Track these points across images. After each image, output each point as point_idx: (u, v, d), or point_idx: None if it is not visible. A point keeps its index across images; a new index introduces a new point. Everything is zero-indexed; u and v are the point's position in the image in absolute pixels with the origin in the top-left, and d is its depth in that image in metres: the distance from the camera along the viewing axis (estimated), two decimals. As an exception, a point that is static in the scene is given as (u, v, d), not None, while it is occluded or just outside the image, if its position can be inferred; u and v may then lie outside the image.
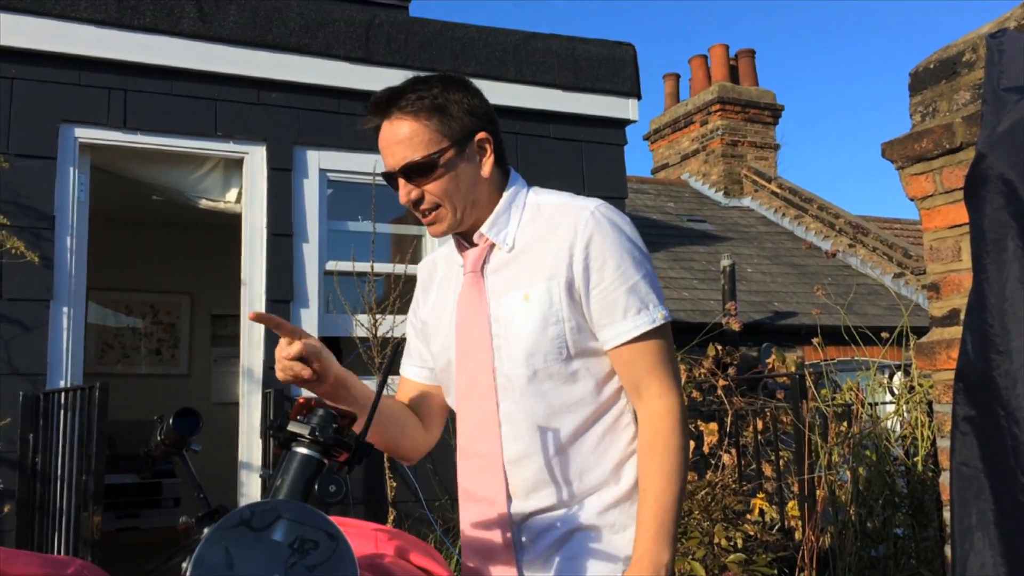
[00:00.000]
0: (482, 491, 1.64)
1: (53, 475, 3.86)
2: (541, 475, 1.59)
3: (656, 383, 1.59)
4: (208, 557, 1.05)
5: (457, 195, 1.62)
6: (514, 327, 1.60)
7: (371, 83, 4.98)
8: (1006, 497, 1.40)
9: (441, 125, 1.61)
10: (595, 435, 1.61)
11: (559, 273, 1.58)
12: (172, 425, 1.32)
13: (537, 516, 1.61)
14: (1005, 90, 1.49)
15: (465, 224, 1.66)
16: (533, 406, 1.59)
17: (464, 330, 1.67)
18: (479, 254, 1.68)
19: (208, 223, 6.07)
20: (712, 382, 5.20)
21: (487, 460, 1.62)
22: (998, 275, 1.42)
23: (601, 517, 1.60)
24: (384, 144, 1.64)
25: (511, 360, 1.60)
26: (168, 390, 7.59)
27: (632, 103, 5.66)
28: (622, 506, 1.61)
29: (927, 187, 2.58)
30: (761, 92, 12.10)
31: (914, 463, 3.76)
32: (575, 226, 1.59)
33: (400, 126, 1.61)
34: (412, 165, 1.60)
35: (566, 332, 1.58)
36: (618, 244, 1.60)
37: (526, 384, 1.59)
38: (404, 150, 1.61)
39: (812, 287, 8.00)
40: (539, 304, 1.58)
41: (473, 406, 1.65)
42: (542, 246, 1.62)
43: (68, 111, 4.44)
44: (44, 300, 4.26)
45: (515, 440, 1.60)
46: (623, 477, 1.62)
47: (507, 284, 1.64)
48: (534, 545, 1.61)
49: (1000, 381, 1.40)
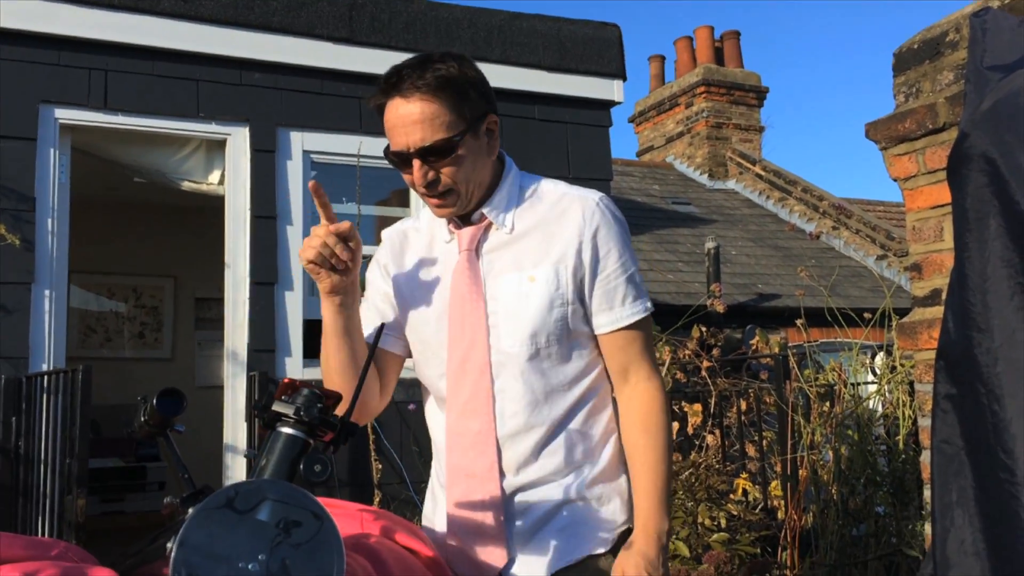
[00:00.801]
0: (473, 467, 1.65)
1: (36, 459, 3.84)
2: (534, 451, 1.64)
3: (645, 367, 1.70)
4: (193, 537, 1.04)
5: (470, 178, 1.63)
6: (515, 306, 1.64)
7: (355, 63, 4.95)
8: (986, 474, 1.41)
9: (459, 106, 1.60)
10: (583, 413, 1.68)
11: (567, 258, 1.64)
12: (156, 405, 1.31)
13: (525, 491, 1.65)
14: (988, 68, 1.50)
15: (467, 206, 1.67)
16: (533, 383, 1.64)
17: (459, 307, 1.67)
18: (475, 233, 1.69)
19: (191, 205, 6.04)
20: (696, 364, 5.23)
21: (480, 436, 1.64)
22: (980, 253, 1.43)
23: (588, 491, 1.66)
24: (397, 122, 1.59)
25: (512, 338, 1.64)
26: (152, 374, 7.56)
27: (617, 84, 5.66)
28: (605, 481, 1.68)
29: (910, 167, 2.59)
30: (746, 74, 12.10)
31: (895, 442, 3.79)
32: (583, 215, 1.66)
33: (418, 105, 1.57)
34: (432, 147, 1.57)
35: (568, 315, 1.64)
36: (620, 236, 1.69)
37: (526, 362, 1.63)
38: (422, 131, 1.57)
39: (796, 269, 8.04)
40: (546, 286, 1.63)
41: (467, 382, 1.66)
42: (547, 231, 1.67)
43: (48, 92, 4.40)
44: (26, 283, 4.22)
45: (512, 416, 1.64)
46: (604, 453, 1.70)
47: (506, 265, 1.67)
48: (523, 519, 1.64)
49: (981, 359, 1.41)
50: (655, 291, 8.02)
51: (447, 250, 1.73)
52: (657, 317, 5.58)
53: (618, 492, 1.69)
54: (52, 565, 1.20)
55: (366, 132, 4.87)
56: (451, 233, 1.72)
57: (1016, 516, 1.37)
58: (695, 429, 5.13)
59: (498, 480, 1.63)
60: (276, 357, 4.63)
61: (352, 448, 4.53)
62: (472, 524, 1.64)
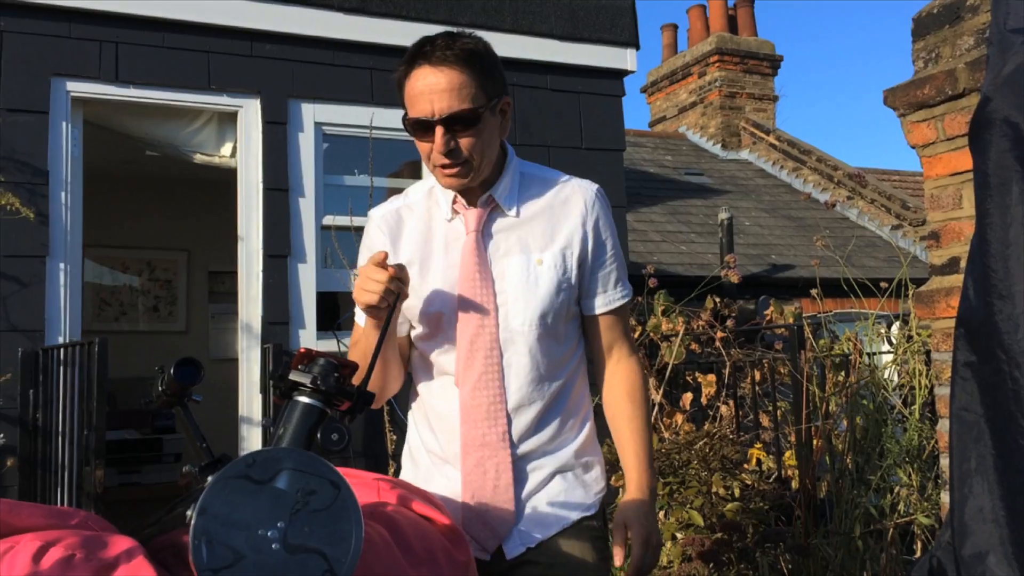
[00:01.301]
0: (487, 437, 1.74)
1: (54, 431, 3.87)
2: (535, 422, 1.76)
3: (627, 344, 1.88)
4: (212, 505, 1.05)
5: (485, 152, 1.71)
6: (524, 288, 1.74)
7: (366, 34, 4.91)
8: (1007, 441, 1.40)
9: (484, 81, 1.68)
10: (573, 389, 1.82)
11: (573, 244, 1.76)
12: (173, 375, 1.32)
13: (527, 460, 1.77)
14: (1012, 31, 1.47)
15: (476, 181, 1.74)
16: (538, 359, 1.75)
17: (469, 286, 1.74)
18: (481, 214, 1.77)
19: (203, 178, 6.03)
20: (710, 334, 5.21)
21: (493, 408, 1.73)
22: (1001, 219, 1.41)
23: (576, 459, 1.81)
24: (424, 89, 1.64)
25: (521, 317, 1.74)
26: (166, 347, 7.59)
27: (630, 53, 5.60)
28: (588, 450, 1.84)
29: (929, 134, 2.56)
30: (760, 42, 11.97)
31: (911, 412, 3.78)
32: (585, 204, 1.79)
33: (447, 74, 1.63)
34: (459, 115, 1.64)
35: (571, 297, 1.78)
36: (612, 225, 1.84)
37: (534, 341, 1.74)
38: (450, 99, 1.63)
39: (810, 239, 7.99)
40: (554, 270, 1.74)
41: (478, 358, 1.73)
42: (551, 217, 1.78)
43: (59, 64, 4.39)
44: (40, 256, 4.24)
45: (517, 390, 1.74)
46: (586, 425, 1.85)
47: (511, 247, 1.76)
48: (524, 487, 1.76)
49: (1002, 326, 1.39)
50: (668, 263, 7.99)
51: (449, 229, 1.79)
52: (670, 288, 5.59)
53: (598, 461, 1.87)
54: (73, 534, 1.20)
55: (378, 103, 4.84)
56: (454, 213, 1.79)
57: (1036, 483, 1.36)
58: (709, 400, 5.13)
59: (509, 449, 1.74)
60: (290, 329, 4.64)
61: (367, 420, 4.55)
62: (486, 490, 1.74)
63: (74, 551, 1.15)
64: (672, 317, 5.16)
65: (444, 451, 1.79)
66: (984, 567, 1.45)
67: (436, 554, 1.44)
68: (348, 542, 1.08)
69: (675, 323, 5.10)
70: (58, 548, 1.15)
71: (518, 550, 1.74)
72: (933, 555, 1.64)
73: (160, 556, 1.25)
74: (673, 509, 3.75)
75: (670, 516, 3.79)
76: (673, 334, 5.04)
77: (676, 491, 3.76)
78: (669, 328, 5.11)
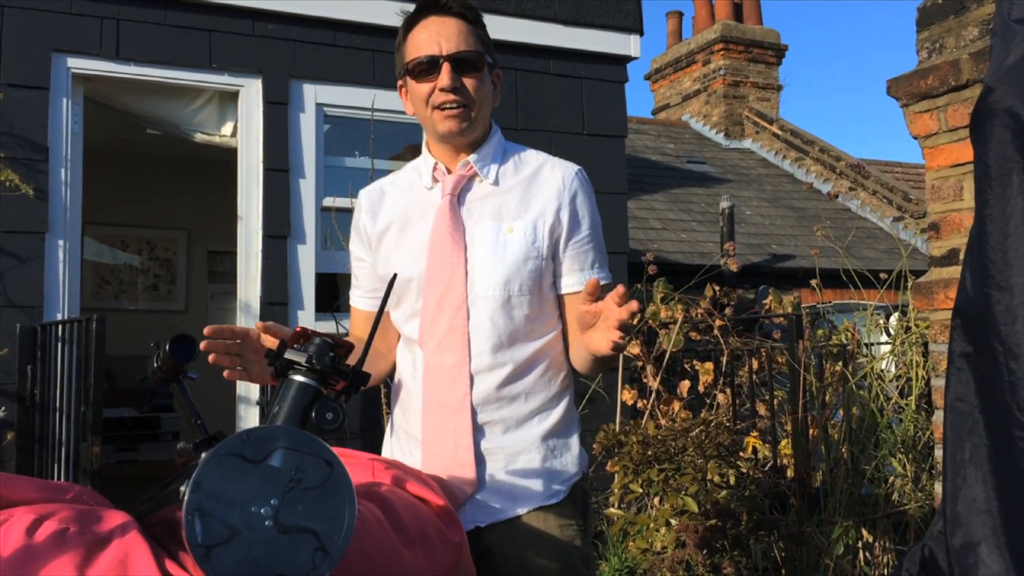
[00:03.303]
0: (447, 397, 1.74)
1: (52, 407, 3.88)
2: (497, 389, 1.74)
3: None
4: (206, 481, 1.05)
5: (483, 103, 1.78)
6: (491, 253, 1.74)
7: (368, 15, 4.89)
8: (1001, 432, 1.40)
9: (486, 42, 1.80)
10: (543, 364, 1.79)
11: (547, 216, 1.76)
12: (168, 351, 1.32)
13: (490, 430, 1.75)
14: (1016, 21, 1.46)
15: (471, 132, 1.77)
16: (501, 325, 1.74)
17: (439, 247, 1.76)
18: (458, 180, 1.80)
19: (204, 158, 6.01)
20: (709, 322, 5.21)
21: (455, 369, 1.73)
22: (1001, 210, 1.40)
23: (543, 443, 1.77)
24: (434, 34, 1.73)
25: (486, 282, 1.74)
26: (165, 326, 7.59)
27: (634, 39, 5.57)
28: (558, 434, 1.80)
29: (931, 125, 2.55)
30: (765, 31, 11.92)
31: (908, 403, 3.79)
32: (563, 180, 1.79)
33: (456, 22, 1.75)
34: (466, 54, 1.73)
35: (541, 268, 1.76)
36: (593, 206, 1.83)
37: (497, 307, 1.73)
38: (458, 41, 1.73)
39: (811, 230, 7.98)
40: (523, 238, 1.74)
41: (443, 319, 1.74)
42: (528, 189, 1.79)
43: (60, 40, 4.37)
44: (39, 233, 4.23)
45: (478, 354, 1.73)
46: (558, 408, 1.80)
47: (485, 214, 1.78)
48: (488, 460, 1.75)
49: (1000, 317, 1.39)
50: (668, 250, 7.99)
51: (428, 196, 1.83)
52: (670, 276, 5.58)
53: (569, 447, 1.81)
54: (67, 507, 1.21)
55: (380, 85, 4.82)
56: (434, 181, 1.82)
57: (1029, 475, 1.36)
58: (706, 387, 5.14)
59: (469, 410, 1.73)
60: (289, 310, 4.64)
61: (363, 400, 4.56)
62: (445, 452, 1.74)
63: (68, 524, 1.15)
64: (671, 305, 5.16)
65: (411, 428, 1.80)
66: (976, 556, 1.46)
67: (429, 534, 1.44)
68: (341, 521, 1.08)
69: (674, 311, 5.11)
70: (52, 521, 1.15)
71: (466, 527, 1.69)
72: (925, 544, 1.65)
73: (154, 532, 1.25)
74: (668, 496, 3.76)
75: (665, 502, 3.80)
76: (672, 321, 5.04)
77: (671, 477, 3.77)
78: (668, 315, 5.11)
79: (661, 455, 3.85)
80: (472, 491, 1.73)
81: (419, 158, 1.91)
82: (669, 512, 3.72)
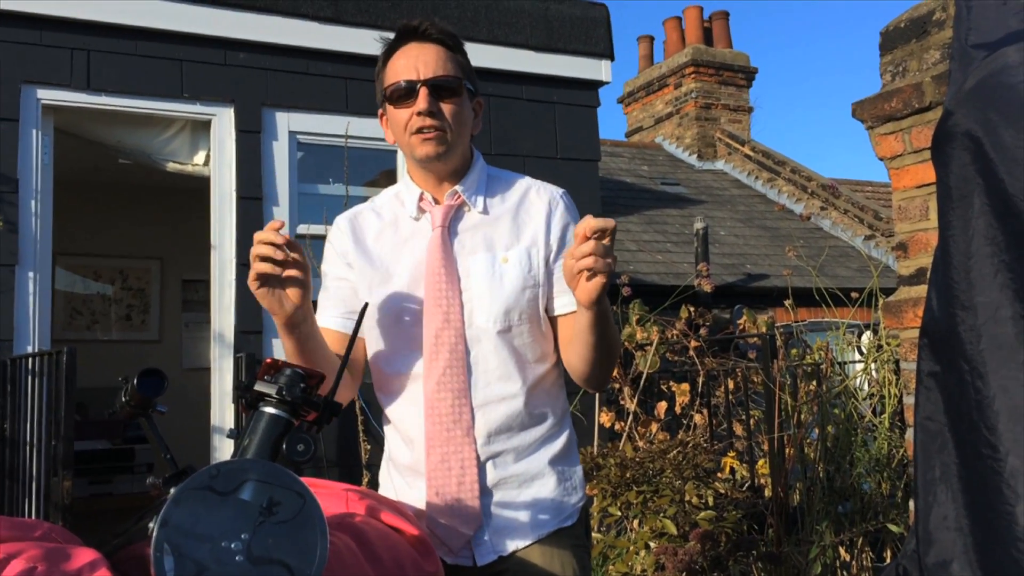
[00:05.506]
0: (450, 433, 1.71)
1: (22, 441, 3.83)
2: (505, 421, 1.73)
3: None
4: (175, 517, 1.04)
5: (461, 129, 1.77)
6: (488, 285, 1.72)
7: (340, 43, 4.91)
8: (969, 450, 1.41)
9: (465, 69, 1.80)
10: (546, 392, 1.79)
11: (539, 243, 1.76)
12: (136, 385, 1.31)
13: (496, 461, 1.73)
14: (973, 47, 1.49)
15: (449, 157, 1.75)
16: (505, 356, 1.73)
17: (435, 282, 1.73)
18: (447, 211, 1.77)
19: (177, 186, 5.99)
20: (684, 343, 5.24)
21: (456, 405, 1.71)
22: (963, 231, 1.43)
23: (553, 466, 1.77)
24: (412, 60, 1.74)
25: (486, 314, 1.72)
26: (139, 356, 7.53)
27: (605, 64, 5.63)
28: (564, 459, 1.80)
29: (896, 147, 2.59)
30: (735, 54, 12.07)
31: (881, 420, 3.82)
32: (550, 205, 1.80)
33: (435, 48, 1.75)
34: (444, 79, 1.73)
35: (539, 295, 1.75)
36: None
37: (498, 336, 1.72)
38: (436, 66, 1.73)
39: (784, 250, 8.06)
40: (519, 267, 1.74)
41: (443, 354, 1.71)
42: (517, 217, 1.79)
43: (30, 72, 4.35)
44: (9, 265, 4.19)
45: (485, 386, 1.72)
46: (563, 434, 1.81)
47: (477, 245, 1.76)
48: (494, 491, 1.73)
49: (965, 336, 1.41)
50: (643, 272, 8.02)
51: (416, 228, 1.79)
52: (645, 297, 5.59)
53: (575, 472, 1.81)
54: (35, 546, 1.19)
55: (353, 112, 4.84)
56: (420, 211, 1.79)
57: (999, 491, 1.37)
58: (683, 408, 5.15)
59: (474, 445, 1.71)
60: (263, 338, 4.62)
61: (341, 428, 4.53)
62: (451, 487, 1.71)
63: (36, 563, 1.14)
64: (647, 326, 5.18)
65: (414, 463, 1.76)
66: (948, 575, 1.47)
67: (404, 565, 1.43)
68: (313, 553, 1.07)
69: (650, 332, 5.12)
70: (19, 560, 1.13)
71: (489, 557, 1.70)
72: (899, 563, 1.65)
73: (124, 568, 1.23)
74: (647, 518, 3.76)
75: (643, 525, 3.80)
76: (648, 343, 5.06)
77: (649, 500, 3.77)
78: (644, 337, 5.12)
79: (639, 477, 3.85)
80: (482, 523, 1.71)
81: (398, 185, 1.87)
82: (648, 535, 3.71)
